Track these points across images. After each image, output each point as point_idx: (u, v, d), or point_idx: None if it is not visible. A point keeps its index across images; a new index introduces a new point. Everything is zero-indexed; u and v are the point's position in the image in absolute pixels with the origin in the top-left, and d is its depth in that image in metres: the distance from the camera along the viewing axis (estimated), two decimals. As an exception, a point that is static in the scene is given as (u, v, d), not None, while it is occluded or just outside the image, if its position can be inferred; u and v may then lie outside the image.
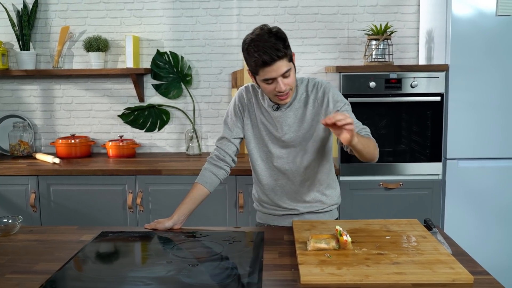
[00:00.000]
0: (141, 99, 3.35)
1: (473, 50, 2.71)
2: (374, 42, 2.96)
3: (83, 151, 3.24)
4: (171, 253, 1.53)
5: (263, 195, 1.91)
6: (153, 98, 3.37)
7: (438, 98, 2.77)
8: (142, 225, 2.16)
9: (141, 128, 3.40)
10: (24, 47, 3.26)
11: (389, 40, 2.98)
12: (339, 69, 2.79)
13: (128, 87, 3.37)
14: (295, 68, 1.71)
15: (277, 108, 1.78)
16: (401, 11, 3.24)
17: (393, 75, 2.78)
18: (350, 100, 2.55)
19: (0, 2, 3.29)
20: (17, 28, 3.26)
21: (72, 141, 3.20)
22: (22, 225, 1.81)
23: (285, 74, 1.63)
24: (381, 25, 2.95)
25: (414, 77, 2.77)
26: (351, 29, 3.25)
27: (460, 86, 2.74)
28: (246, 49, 1.63)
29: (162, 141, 3.42)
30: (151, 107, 3.35)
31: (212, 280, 1.34)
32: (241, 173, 2.75)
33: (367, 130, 1.75)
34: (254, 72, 1.65)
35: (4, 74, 3.23)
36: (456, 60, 2.73)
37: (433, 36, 2.96)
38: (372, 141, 1.70)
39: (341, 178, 2.81)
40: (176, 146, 3.42)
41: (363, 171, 2.81)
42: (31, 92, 3.41)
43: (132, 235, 1.72)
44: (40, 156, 3.16)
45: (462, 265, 1.35)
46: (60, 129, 3.44)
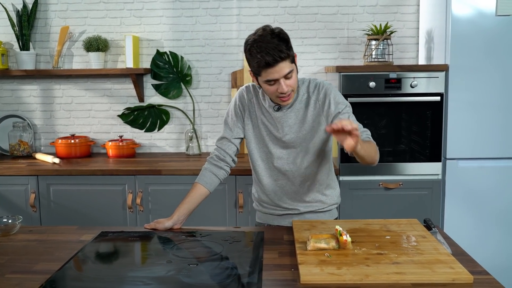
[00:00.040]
0: (141, 99, 3.35)
1: (473, 50, 2.71)
2: (374, 42, 2.96)
3: (83, 151, 3.24)
4: (171, 253, 1.53)
5: (263, 195, 1.91)
6: (153, 98, 3.37)
7: (438, 98, 2.77)
8: (142, 225, 2.16)
9: (141, 128, 3.40)
10: (24, 47, 3.26)
11: (389, 40, 2.98)
12: (339, 69, 2.79)
13: (128, 87, 3.37)
14: (297, 69, 1.71)
15: (278, 109, 1.78)
16: (401, 11, 3.24)
17: (393, 75, 2.78)
18: (350, 100, 2.55)
19: (0, 2, 3.29)
20: (17, 28, 3.26)
21: (72, 141, 3.20)
22: (22, 225, 1.81)
23: (288, 76, 1.63)
24: (381, 25, 2.95)
25: (414, 77, 2.77)
26: (351, 29, 3.25)
27: (460, 86, 2.74)
28: (249, 50, 1.62)
29: (162, 141, 3.42)
30: (151, 107, 3.35)
31: (212, 280, 1.34)
32: (241, 173, 2.75)
33: (368, 133, 1.75)
34: (257, 73, 1.65)
35: (4, 74, 3.23)
36: (456, 60, 2.73)
37: (433, 36, 2.96)
38: (373, 145, 1.70)
39: (341, 178, 2.81)
40: (176, 146, 3.42)
41: (363, 171, 2.81)
42: (31, 92, 3.41)
43: (132, 235, 1.72)
44: (40, 156, 3.16)
45: (462, 265, 1.35)
46: (60, 129, 3.44)
